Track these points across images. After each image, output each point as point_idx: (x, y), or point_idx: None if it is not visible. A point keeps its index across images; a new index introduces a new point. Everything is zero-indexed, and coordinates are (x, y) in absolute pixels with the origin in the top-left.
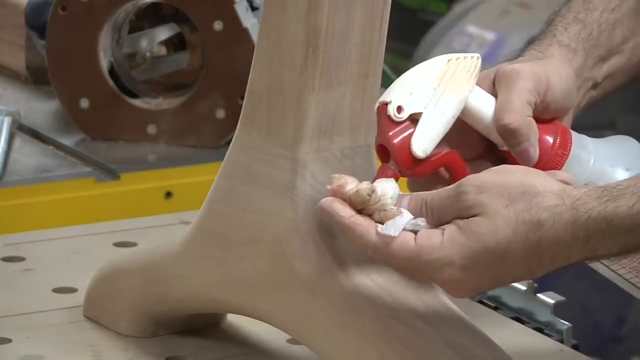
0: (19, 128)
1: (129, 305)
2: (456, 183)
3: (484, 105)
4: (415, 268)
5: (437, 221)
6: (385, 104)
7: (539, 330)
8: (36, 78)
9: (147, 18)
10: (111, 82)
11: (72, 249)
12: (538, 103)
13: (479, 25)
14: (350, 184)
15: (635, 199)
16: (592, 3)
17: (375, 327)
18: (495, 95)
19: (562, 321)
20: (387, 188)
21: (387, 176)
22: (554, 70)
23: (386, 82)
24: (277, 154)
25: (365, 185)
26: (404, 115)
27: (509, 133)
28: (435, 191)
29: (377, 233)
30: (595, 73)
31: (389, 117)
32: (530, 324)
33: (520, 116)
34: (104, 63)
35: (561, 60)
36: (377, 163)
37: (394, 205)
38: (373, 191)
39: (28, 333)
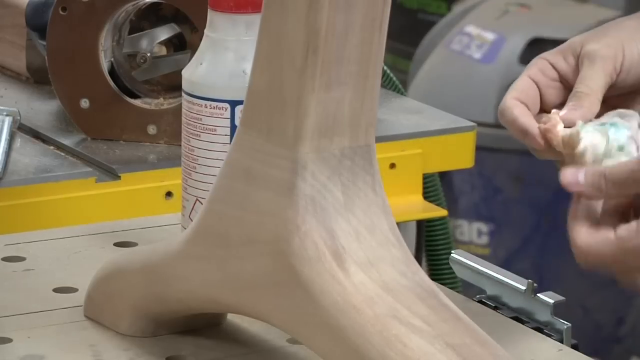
0: (20, 128)
1: (129, 305)
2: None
3: None
4: (623, 262)
5: (618, 195)
6: None
7: (539, 330)
8: (37, 78)
9: (147, 18)
10: (111, 82)
11: (72, 249)
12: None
13: (479, 25)
14: (560, 124)
15: None
16: None
17: (375, 327)
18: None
19: (562, 321)
20: (597, 144)
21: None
22: (630, 36)
23: (386, 82)
24: (277, 154)
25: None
26: None
27: None
28: (614, 166)
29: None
30: None
31: None
32: (530, 324)
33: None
34: (105, 63)
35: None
36: (377, 163)
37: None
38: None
39: (28, 333)
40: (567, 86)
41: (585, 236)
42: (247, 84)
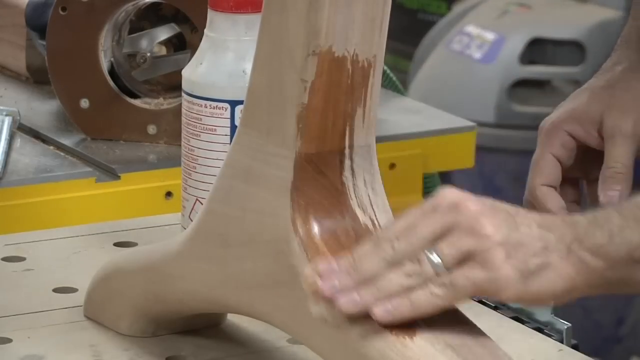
0: (19, 128)
1: (129, 305)
2: None
3: None
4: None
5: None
6: None
7: (539, 330)
8: (36, 78)
9: (147, 18)
10: (111, 82)
11: (72, 249)
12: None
13: (479, 25)
14: None
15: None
16: None
17: (375, 327)
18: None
19: (562, 321)
20: None
21: None
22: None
23: (386, 82)
24: (277, 154)
25: None
26: None
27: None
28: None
29: None
30: None
31: None
32: (530, 324)
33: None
34: (104, 63)
35: None
36: (377, 163)
37: None
38: None
39: (28, 333)
40: (584, 149)
41: None
42: (247, 84)
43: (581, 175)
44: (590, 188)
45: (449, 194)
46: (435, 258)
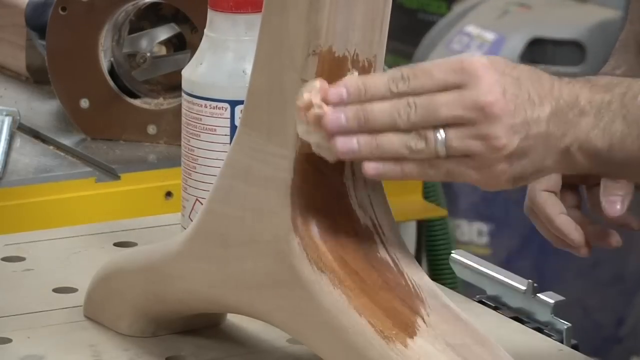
0: (19, 128)
1: (129, 305)
2: None
3: None
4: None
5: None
6: None
7: (539, 330)
8: (36, 78)
9: (147, 18)
10: (111, 82)
11: (72, 249)
12: None
13: (479, 25)
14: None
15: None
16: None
17: (375, 327)
18: None
19: (562, 321)
20: None
21: None
22: None
23: None
24: (277, 154)
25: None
26: None
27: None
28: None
29: None
30: None
31: None
32: (530, 324)
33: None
34: (104, 63)
35: None
36: None
37: None
38: None
39: (28, 333)
40: None
41: None
42: (247, 84)
43: (581, 181)
44: (589, 193)
45: (481, 80)
46: (441, 142)
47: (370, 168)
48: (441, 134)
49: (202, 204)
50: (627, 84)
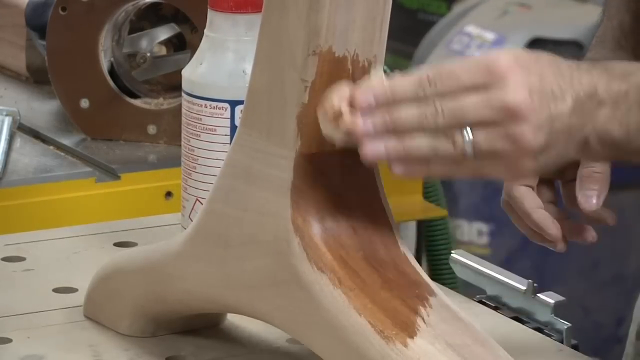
0: (19, 128)
1: (129, 305)
2: None
3: None
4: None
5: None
6: None
7: (539, 330)
8: (36, 78)
9: (147, 18)
10: (111, 82)
11: (72, 249)
12: None
13: (479, 25)
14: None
15: None
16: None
17: (375, 327)
18: None
19: (562, 321)
20: None
21: None
22: None
23: None
24: (277, 154)
25: None
26: None
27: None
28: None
29: None
30: None
31: None
32: (530, 324)
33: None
34: (104, 63)
35: None
36: (377, 162)
37: None
38: None
39: (28, 333)
40: None
41: None
42: (247, 84)
43: (557, 176)
44: (565, 188)
45: (507, 80)
46: (469, 143)
47: (398, 169)
48: (469, 135)
49: (202, 204)
50: None
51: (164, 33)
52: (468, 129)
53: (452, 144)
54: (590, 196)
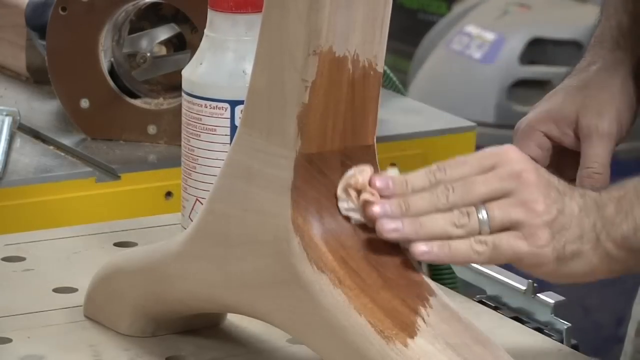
0: (19, 128)
1: (129, 305)
2: None
3: None
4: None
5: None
6: None
7: (539, 330)
8: (36, 78)
9: (147, 18)
10: (111, 82)
11: (72, 249)
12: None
13: (479, 25)
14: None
15: None
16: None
17: (375, 327)
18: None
19: (562, 321)
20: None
21: None
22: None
23: (386, 82)
24: (277, 154)
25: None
26: None
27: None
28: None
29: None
30: None
31: None
32: (530, 324)
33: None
34: (104, 63)
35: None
36: (378, 163)
37: None
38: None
39: (28, 333)
40: (559, 150)
41: None
42: (247, 84)
43: (557, 176)
44: None
45: (512, 156)
46: (483, 215)
47: (418, 251)
48: (482, 207)
49: (202, 204)
50: (637, 181)
51: (164, 33)
52: (481, 204)
53: (467, 216)
54: None
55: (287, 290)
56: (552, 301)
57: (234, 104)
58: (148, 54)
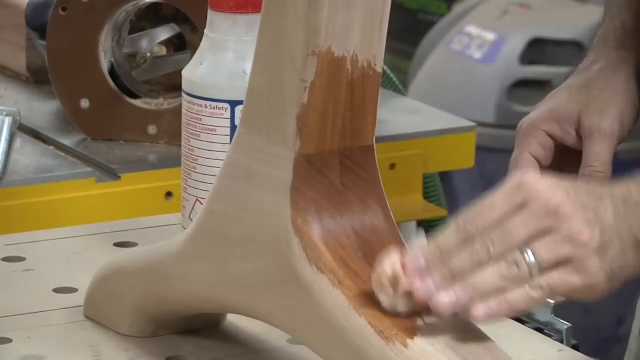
0: (19, 128)
1: (129, 305)
2: None
3: None
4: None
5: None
6: None
7: (539, 330)
8: (37, 78)
9: (147, 18)
10: (111, 82)
11: (72, 249)
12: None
13: (479, 25)
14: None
15: None
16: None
17: (375, 327)
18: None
19: (562, 321)
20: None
21: None
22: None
23: (386, 82)
24: (277, 154)
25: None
26: None
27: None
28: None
29: None
30: None
31: None
32: (530, 324)
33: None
34: (104, 63)
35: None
36: (377, 163)
37: None
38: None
39: (28, 333)
40: (561, 149)
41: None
42: (247, 84)
43: (559, 175)
44: None
45: (539, 187)
46: (530, 258)
47: (478, 314)
48: (526, 250)
49: (202, 204)
50: None
51: (164, 33)
52: (526, 247)
53: (515, 264)
54: None
55: (286, 290)
56: (552, 301)
57: (233, 104)
58: (148, 54)
